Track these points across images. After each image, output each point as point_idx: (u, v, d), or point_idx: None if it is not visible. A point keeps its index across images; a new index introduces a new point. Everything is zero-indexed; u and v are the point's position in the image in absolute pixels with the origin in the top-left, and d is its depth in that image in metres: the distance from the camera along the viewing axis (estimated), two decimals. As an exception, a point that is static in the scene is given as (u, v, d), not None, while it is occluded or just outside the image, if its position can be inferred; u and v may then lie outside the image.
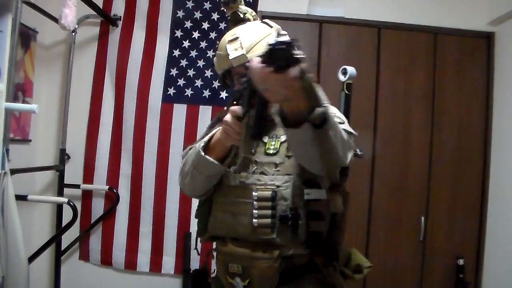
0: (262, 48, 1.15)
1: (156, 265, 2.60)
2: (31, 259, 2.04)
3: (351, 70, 1.56)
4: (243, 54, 1.22)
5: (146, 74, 2.63)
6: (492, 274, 2.59)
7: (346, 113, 1.54)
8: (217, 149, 1.21)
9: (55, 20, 2.24)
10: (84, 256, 2.65)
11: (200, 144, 1.24)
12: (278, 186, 1.19)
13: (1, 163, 1.58)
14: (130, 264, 2.61)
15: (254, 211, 1.17)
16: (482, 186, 2.69)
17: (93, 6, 2.35)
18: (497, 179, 2.63)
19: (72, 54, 2.54)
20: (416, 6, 2.71)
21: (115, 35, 2.65)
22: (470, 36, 2.72)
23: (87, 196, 2.64)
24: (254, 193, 1.19)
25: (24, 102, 2.39)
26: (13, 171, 1.81)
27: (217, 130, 1.22)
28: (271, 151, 1.24)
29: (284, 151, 1.23)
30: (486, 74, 2.72)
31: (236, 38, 1.25)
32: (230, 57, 1.24)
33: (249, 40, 1.24)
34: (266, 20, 1.34)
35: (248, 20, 1.34)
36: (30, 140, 2.50)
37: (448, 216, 2.68)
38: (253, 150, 1.26)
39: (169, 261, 2.59)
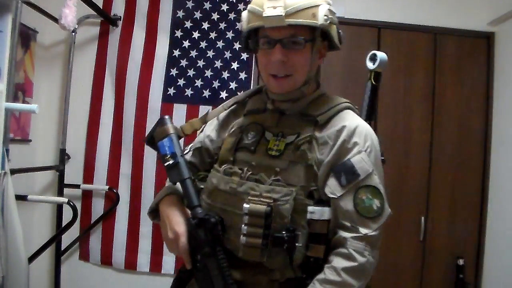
0: (306, 17, 1.00)
1: (156, 265, 2.60)
2: (31, 259, 2.03)
3: (381, 56, 1.25)
4: (281, 15, 0.98)
5: (146, 74, 2.63)
6: (492, 274, 2.59)
7: (372, 108, 1.28)
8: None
9: (55, 20, 2.24)
10: (84, 256, 2.65)
11: (151, 207, 1.15)
12: (275, 200, 0.97)
13: (1, 163, 1.58)
14: (130, 264, 2.60)
15: (243, 226, 0.97)
16: (482, 186, 2.69)
17: (93, 6, 2.34)
18: (497, 179, 2.63)
19: (72, 54, 2.53)
20: (416, 6, 2.71)
21: (115, 35, 2.65)
22: (470, 36, 2.72)
23: (87, 196, 2.64)
24: (245, 205, 0.98)
25: (24, 102, 2.39)
26: (13, 171, 1.81)
27: (166, 195, 1.10)
28: (273, 153, 1.04)
29: (290, 155, 1.03)
30: (486, 74, 2.72)
31: None
32: (265, 14, 0.99)
33: (294, 3, 0.99)
34: None
35: None
36: (30, 140, 2.50)
37: (448, 216, 2.67)
38: (253, 148, 1.07)
39: (169, 261, 2.59)
